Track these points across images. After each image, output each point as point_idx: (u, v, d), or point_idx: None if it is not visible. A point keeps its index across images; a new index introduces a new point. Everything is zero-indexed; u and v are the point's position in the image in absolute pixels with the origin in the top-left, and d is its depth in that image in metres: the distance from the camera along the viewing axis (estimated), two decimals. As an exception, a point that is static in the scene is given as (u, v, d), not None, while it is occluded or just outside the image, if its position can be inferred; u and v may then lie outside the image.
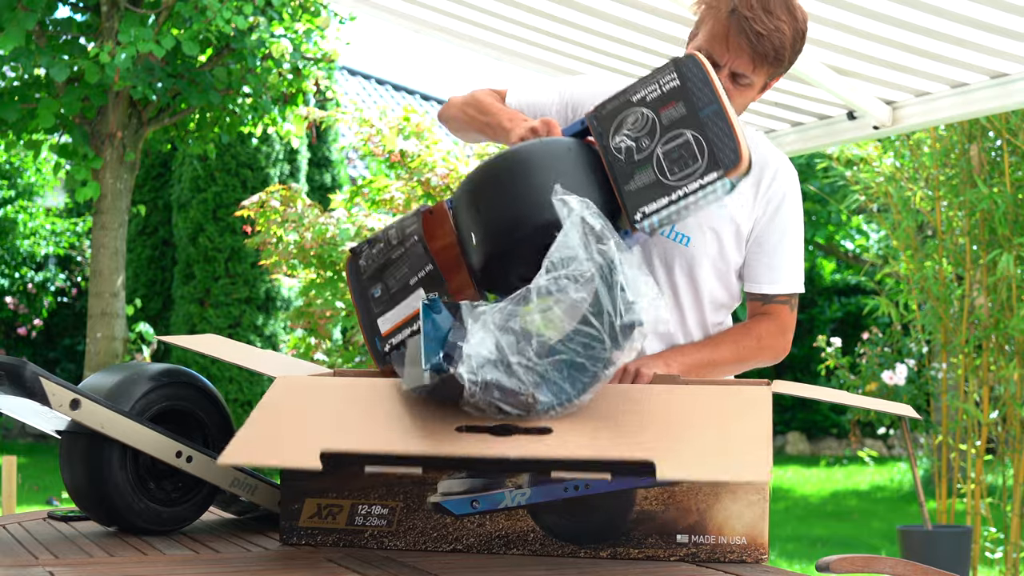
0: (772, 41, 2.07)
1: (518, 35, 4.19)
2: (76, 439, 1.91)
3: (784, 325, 2.25)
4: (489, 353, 1.61)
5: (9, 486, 4.61)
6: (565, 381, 1.65)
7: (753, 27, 2.05)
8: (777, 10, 2.08)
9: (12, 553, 1.77)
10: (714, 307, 2.27)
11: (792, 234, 2.25)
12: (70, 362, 12.60)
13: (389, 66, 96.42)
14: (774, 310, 2.25)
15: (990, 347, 5.52)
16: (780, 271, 2.24)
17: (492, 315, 1.66)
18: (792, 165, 2.29)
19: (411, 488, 1.76)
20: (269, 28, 7.40)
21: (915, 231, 5.82)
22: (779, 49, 2.08)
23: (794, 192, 2.25)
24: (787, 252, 2.24)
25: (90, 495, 1.92)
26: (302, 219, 4.88)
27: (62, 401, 1.80)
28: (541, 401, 1.63)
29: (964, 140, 5.38)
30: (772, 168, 2.22)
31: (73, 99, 7.28)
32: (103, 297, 7.67)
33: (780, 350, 2.25)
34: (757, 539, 1.68)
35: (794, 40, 2.11)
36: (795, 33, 2.11)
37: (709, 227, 2.19)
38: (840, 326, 13.83)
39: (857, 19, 3.42)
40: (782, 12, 2.09)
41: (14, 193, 11.99)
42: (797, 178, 2.28)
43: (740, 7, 2.07)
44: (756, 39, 2.06)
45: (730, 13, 2.07)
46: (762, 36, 2.06)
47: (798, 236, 2.27)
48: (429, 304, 1.65)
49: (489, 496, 1.71)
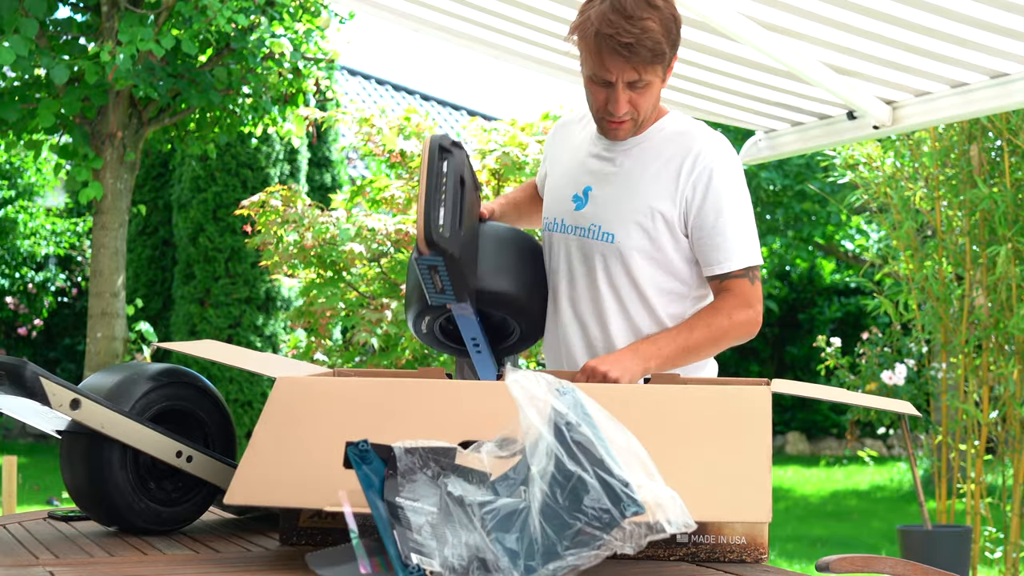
0: (644, 44, 2.13)
1: (518, 34, 4.19)
2: (76, 439, 1.91)
3: (747, 297, 2.25)
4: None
5: (9, 486, 4.61)
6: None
7: (620, 41, 2.13)
8: (637, 11, 2.13)
9: (12, 553, 1.77)
10: (666, 297, 2.30)
11: (729, 208, 2.26)
12: (70, 362, 12.60)
13: (389, 66, 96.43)
14: (732, 286, 2.26)
15: (990, 347, 5.52)
16: (726, 249, 2.25)
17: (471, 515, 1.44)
18: (720, 140, 2.31)
19: None
20: (269, 28, 7.40)
21: (915, 231, 5.82)
22: (654, 46, 2.14)
23: (721, 167, 2.27)
24: (728, 228, 2.25)
25: (90, 495, 1.93)
26: (302, 219, 4.87)
27: (62, 401, 1.80)
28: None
29: (964, 140, 5.38)
30: (693, 151, 2.27)
31: (73, 99, 7.28)
32: (103, 297, 7.67)
33: (751, 323, 2.26)
34: (757, 539, 1.68)
35: (666, 28, 2.16)
36: (665, 20, 2.16)
37: (632, 221, 2.27)
38: (840, 326, 13.83)
39: (857, 18, 3.42)
40: (643, 10, 2.14)
41: (14, 193, 11.99)
42: (726, 151, 2.29)
43: (601, 27, 2.14)
44: (627, 50, 2.14)
45: (595, 36, 2.16)
46: (631, 45, 2.13)
47: (738, 209, 2.27)
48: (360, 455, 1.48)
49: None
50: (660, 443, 1.63)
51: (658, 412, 1.76)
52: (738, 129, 6.33)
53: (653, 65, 2.16)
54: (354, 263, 4.87)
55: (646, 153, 2.30)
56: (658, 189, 2.26)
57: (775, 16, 3.50)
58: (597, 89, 2.23)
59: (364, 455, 1.46)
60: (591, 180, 2.34)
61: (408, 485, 1.43)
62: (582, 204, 2.34)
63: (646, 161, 2.29)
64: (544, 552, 1.37)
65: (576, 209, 2.34)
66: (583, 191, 2.34)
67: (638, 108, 2.23)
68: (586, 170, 2.35)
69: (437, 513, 1.40)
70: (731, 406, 1.77)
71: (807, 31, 3.56)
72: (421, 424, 1.76)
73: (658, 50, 2.14)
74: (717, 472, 1.68)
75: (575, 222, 2.34)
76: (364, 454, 1.46)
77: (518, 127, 5.12)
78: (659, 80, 2.22)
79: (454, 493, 1.41)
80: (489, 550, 1.37)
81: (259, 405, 10.14)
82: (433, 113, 13.32)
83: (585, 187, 2.34)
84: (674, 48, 2.20)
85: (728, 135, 13.28)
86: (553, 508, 1.39)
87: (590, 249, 2.32)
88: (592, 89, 2.24)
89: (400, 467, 1.43)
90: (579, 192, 2.35)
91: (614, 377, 2.09)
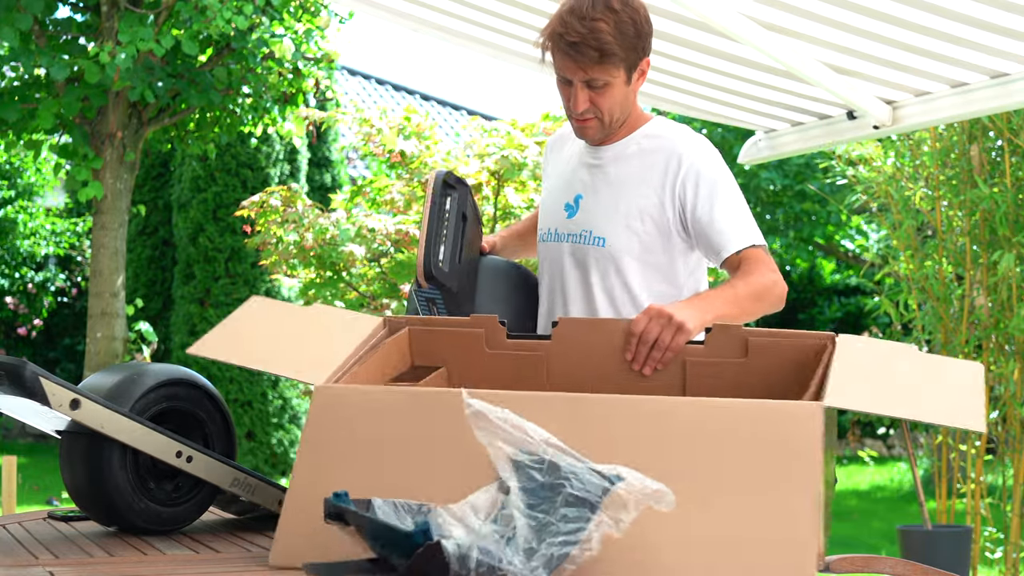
0: (589, 44, 2.20)
1: (518, 34, 4.19)
2: (76, 439, 1.91)
3: (768, 263, 2.26)
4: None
5: (9, 486, 4.61)
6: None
7: (567, 40, 2.22)
8: (591, 12, 2.20)
9: (12, 553, 1.77)
10: (658, 301, 2.29)
11: (721, 199, 2.30)
12: (70, 362, 12.59)
13: (389, 66, 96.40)
14: (748, 256, 2.27)
15: (990, 347, 5.52)
16: (729, 233, 2.28)
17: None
18: (701, 139, 2.37)
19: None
20: (269, 28, 7.40)
21: (915, 231, 5.81)
22: (602, 47, 2.20)
23: (705, 162, 2.32)
24: (726, 215, 2.29)
25: (90, 495, 1.92)
26: (302, 219, 4.87)
27: (62, 401, 1.80)
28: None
29: (964, 140, 5.38)
30: (677, 153, 2.32)
31: (73, 99, 7.28)
32: (103, 297, 7.67)
33: (781, 286, 2.26)
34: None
35: (620, 31, 2.21)
36: (621, 24, 2.21)
37: (624, 225, 2.32)
38: (840, 326, 13.82)
39: (857, 18, 3.42)
40: (597, 12, 2.20)
41: (14, 193, 11.99)
42: (707, 148, 2.35)
43: (556, 27, 2.24)
44: (573, 49, 2.20)
45: (550, 35, 2.25)
46: (577, 44, 2.20)
47: (729, 197, 2.31)
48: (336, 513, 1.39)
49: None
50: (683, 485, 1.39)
51: (684, 439, 1.52)
52: (738, 129, 6.33)
53: (603, 65, 2.21)
54: (354, 263, 4.87)
55: (632, 159, 2.35)
56: (646, 191, 2.31)
57: (775, 16, 3.50)
58: (562, 88, 2.30)
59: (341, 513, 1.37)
60: (581, 188, 2.39)
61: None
62: (573, 212, 2.39)
63: (632, 166, 2.35)
64: (538, 537, 1.31)
65: (568, 217, 2.40)
66: (574, 199, 2.40)
67: (600, 108, 2.27)
68: (576, 179, 2.41)
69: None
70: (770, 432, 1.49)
71: (807, 31, 3.56)
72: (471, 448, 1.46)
73: (606, 50, 2.19)
74: (749, 524, 1.43)
75: (567, 229, 2.39)
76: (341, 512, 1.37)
77: (518, 127, 5.12)
78: (621, 82, 2.26)
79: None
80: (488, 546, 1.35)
81: (259, 405, 10.14)
82: (433, 113, 13.31)
83: (576, 195, 2.40)
84: (635, 52, 2.25)
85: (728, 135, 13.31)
86: (538, 502, 1.35)
87: (583, 254, 2.36)
88: (560, 89, 2.32)
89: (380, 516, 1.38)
90: (570, 201, 2.41)
91: (679, 320, 1.99)
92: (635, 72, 2.28)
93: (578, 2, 2.22)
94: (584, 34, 2.19)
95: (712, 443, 1.51)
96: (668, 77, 4.20)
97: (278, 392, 10.24)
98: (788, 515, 1.43)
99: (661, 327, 1.99)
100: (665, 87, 4.32)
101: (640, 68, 2.28)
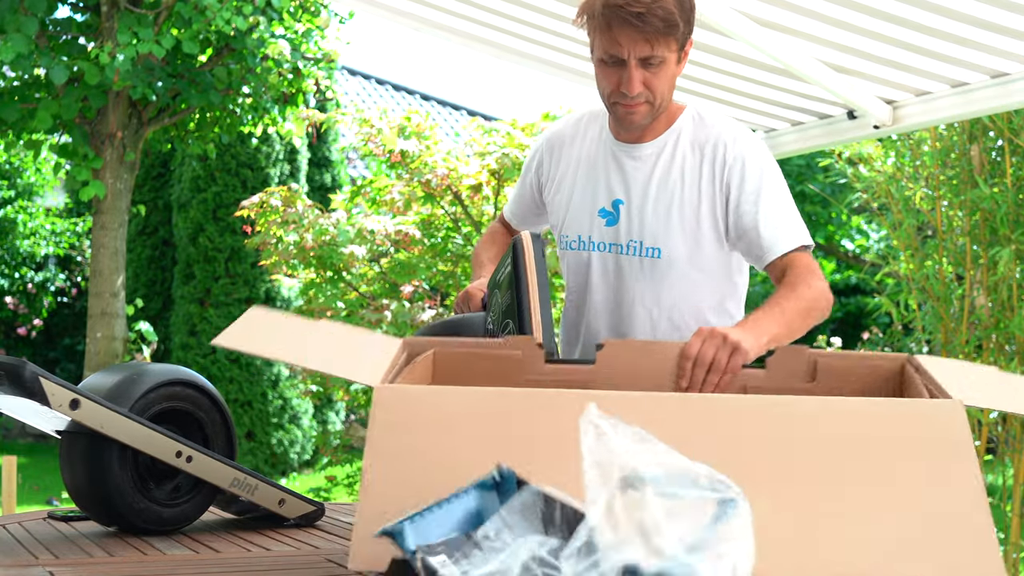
0: (656, 14, 2.01)
1: (519, 32, 4.19)
2: (76, 439, 1.91)
3: (814, 268, 2.08)
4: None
5: (9, 486, 4.61)
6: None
7: (631, 11, 2.00)
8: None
9: (12, 553, 1.77)
10: (716, 311, 2.22)
11: (768, 192, 2.13)
12: (70, 362, 12.59)
13: (389, 66, 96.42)
14: (794, 260, 2.10)
15: (990, 347, 5.51)
16: (775, 233, 2.12)
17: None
18: (742, 128, 2.21)
19: None
20: (269, 28, 7.40)
21: (915, 231, 5.81)
22: (667, 17, 2.02)
23: (752, 153, 2.15)
24: (771, 212, 2.13)
25: (90, 495, 1.92)
26: (302, 219, 4.88)
27: (62, 401, 1.80)
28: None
29: (965, 140, 5.38)
30: (723, 141, 2.16)
31: (73, 99, 7.28)
32: (103, 297, 7.67)
33: (828, 292, 2.07)
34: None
35: (679, 1, 2.03)
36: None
37: (681, 233, 2.16)
38: (840, 326, 13.83)
39: (857, 17, 3.42)
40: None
41: (14, 193, 11.99)
42: (751, 138, 2.18)
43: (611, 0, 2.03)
44: (639, 20, 2.00)
45: (603, 9, 2.03)
46: (643, 15, 2.01)
47: (776, 192, 2.15)
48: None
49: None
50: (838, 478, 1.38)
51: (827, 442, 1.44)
52: (738, 129, 6.33)
53: (666, 38, 2.02)
54: (354, 264, 4.87)
55: (678, 154, 2.19)
56: (699, 191, 2.16)
57: (775, 14, 3.50)
58: (609, 71, 2.09)
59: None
60: (621, 192, 2.21)
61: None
62: (614, 218, 2.21)
63: (680, 163, 2.18)
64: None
65: (608, 224, 2.21)
66: (612, 204, 2.21)
67: (653, 90, 2.09)
68: (611, 181, 2.22)
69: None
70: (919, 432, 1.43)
71: (806, 29, 3.56)
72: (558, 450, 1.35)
73: (671, 20, 2.01)
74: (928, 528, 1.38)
75: (608, 238, 2.22)
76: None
77: (518, 127, 5.12)
78: (674, 59, 2.08)
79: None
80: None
81: (259, 405, 10.14)
82: (433, 113, 13.31)
83: (613, 200, 2.21)
84: (688, 26, 2.07)
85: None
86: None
87: (633, 267, 2.19)
88: (604, 72, 2.11)
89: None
90: (606, 206, 2.22)
91: (735, 340, 1.83)
92: (683, 52, 2.11)
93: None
94: (648, 3, 1.99)
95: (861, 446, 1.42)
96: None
97: (278, 392, 10.24)
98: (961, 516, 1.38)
99: (716, 347, 1.82)
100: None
101: (687, 48, 2.11)
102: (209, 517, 2.15)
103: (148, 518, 1.93)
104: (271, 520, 2.07)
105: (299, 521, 2.07)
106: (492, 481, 1.28)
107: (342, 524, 2.10)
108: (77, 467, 1.91)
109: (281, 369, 10.19)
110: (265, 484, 2.00)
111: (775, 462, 1.40)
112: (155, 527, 1.94)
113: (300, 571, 1.65)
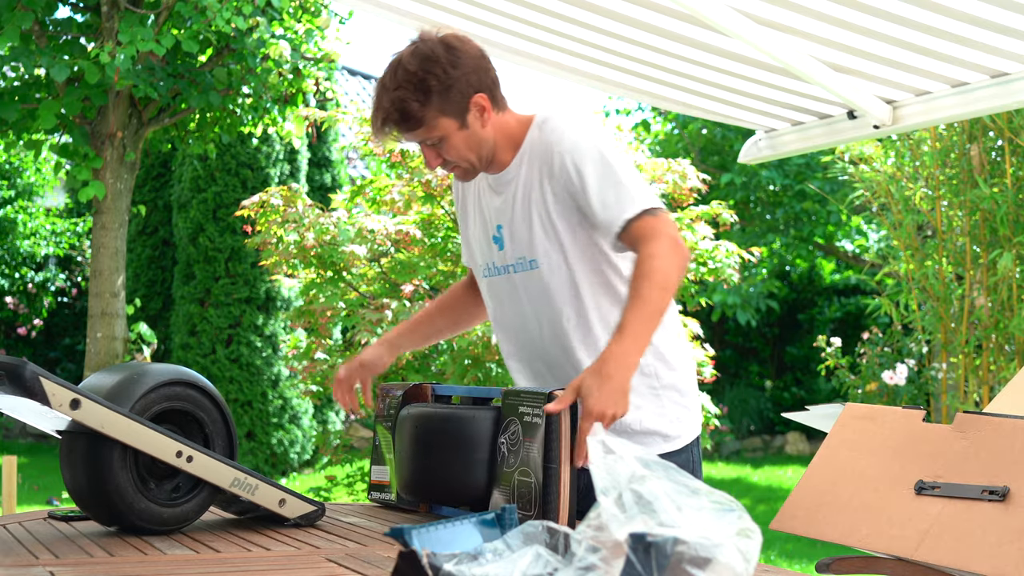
0: (391, 119, 2.17)
1: (519, 32, 4.19)
2: (76, 439, 1.91)
3: (653, 230, 2.12)
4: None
5: (9, 486, 4.61)
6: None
7: (376, 126, 2.19)
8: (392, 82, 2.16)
9: (12, 553, 1.77)
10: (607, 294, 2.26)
11: (592, 174, 2.18)
12: (70, 362, 12.60)
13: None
14: (635, 228, 2.14)
15: (990, 347, 5.52)
16: (612, 206, 2.16)
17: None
18: (572, 114, 2.26)
19: None
20: (269, 28, 7.40)
21: (915, 231, 5.81)
22: (403, 114, 2.16)
23: (575, 143, 2.20)
24: (600, 191, 2.17)
25: (90, 495, 1.92)
26: (302, 219, 4.87)
27: (62, 401, 1.80)
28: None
29: (964, 140, 5.38)
30: (554, 142, 2.22)
31: (73, 99, 7.28)
32: (103, 297, 7.67)
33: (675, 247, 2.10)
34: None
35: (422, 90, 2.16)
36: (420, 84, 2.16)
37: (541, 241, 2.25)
38: (840, 326, 13.83)
39: (857, 16, 3.42)
40: (399, 79, 2.16)
41: (14, 193, 11.99)
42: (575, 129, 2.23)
43: (373, 107, 2.21)
44: (385, 128, 2.19)
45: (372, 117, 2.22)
46: (384, 124, 2.18)
47: (604, 168, 2.18)
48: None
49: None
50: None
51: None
52: (738, 128, 6.32)
53: (421, 129, 2.17)
54: (354, 264, 4.87)
55: (530, 172, 2.27)
56: (545, 198, 2.24)
57: (774, 13, 3.50)
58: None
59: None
60: (498, 218, 2.33)
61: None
62: (502, 243, 2.33)
63: (532, 179, 2.27)
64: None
65: (500, 249, 2.33)
66: (497, 229, 2.34)
67: (454, 157, 2.23)
68: (490, 210, 2.35)
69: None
70: None
71: (806, 28, 3.56)
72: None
73: (408, 114, 2.16)
74: None
75: (505, 262, 2.33)
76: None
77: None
78: (454, 130, 2.20)
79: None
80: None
81: (259, 405, 10.14)
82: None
83: (497, 225, 2.33)
84: (451, 100, 2.17)
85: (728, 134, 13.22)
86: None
87: (524, 283, 2.30)
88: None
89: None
90: (495, 233, 2.34)
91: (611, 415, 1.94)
92: (468, 114, 2.20)
93: (382, 75, 2.19)
94: (388, 108, 2.16)
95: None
96: (668, 75, 4.20)
97: (278, 392, 10.24)
98: None
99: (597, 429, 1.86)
100: (665, 85, 4.32)
101: (473, 106, 2.19)
102: (209, 517, 2.15)
103: (148, 518, 1.94)
104: (271, 520, 2.07)
105: (299, 521, 2.07)
106: (494, 518, 1.30)
107: (342, 524, 2.10)
108: (77, 467, 1.91)
109: (281, 369, 10.20)
110: (265, 484, 2.00)
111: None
112: (155, 527, 1.95)
113: (300, 571, 1.65)
